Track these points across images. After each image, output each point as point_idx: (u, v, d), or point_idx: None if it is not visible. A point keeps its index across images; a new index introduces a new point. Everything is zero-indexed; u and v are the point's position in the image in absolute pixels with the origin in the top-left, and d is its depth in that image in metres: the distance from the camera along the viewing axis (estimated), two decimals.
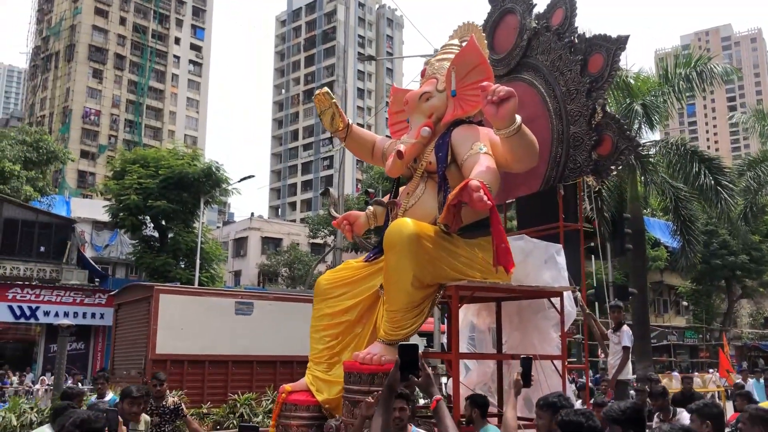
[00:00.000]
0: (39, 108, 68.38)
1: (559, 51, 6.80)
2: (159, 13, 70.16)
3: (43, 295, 24.94)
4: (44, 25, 70.44)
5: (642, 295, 16.81)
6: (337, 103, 5.72)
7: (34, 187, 34.96)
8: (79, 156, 58.68)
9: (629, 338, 8.57)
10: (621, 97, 15.63)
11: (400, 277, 4.74)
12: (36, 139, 36.86)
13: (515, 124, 4.72)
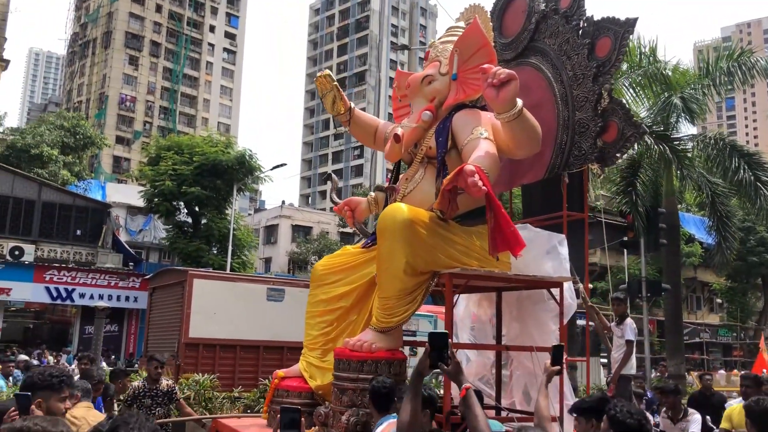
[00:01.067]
0: (76, 94, 69.55)
1: (566, 34, 6.59)
2: (194, 0, 70.75)
3: (79, 277, 25.48)
4: (82, 12, 71.50)
5: (675, 291, 16.60)
6: (338, 86, 5.59)
7: (71, 171, 35.65)
8: (114, 142, 59.63)
9: (632, 331, 8.32)
10: (659, 90, 15.38)
11: (393, 263, 4.60)
12: (73, 124, 37.56)
13: (516, 108, 4.56)
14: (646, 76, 15.01)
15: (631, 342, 8.19)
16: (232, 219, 28.46)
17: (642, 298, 16.21)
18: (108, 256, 27.91)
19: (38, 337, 27.59)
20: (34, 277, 24.61)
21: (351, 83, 75.32)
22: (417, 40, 77.71)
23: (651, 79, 15.14)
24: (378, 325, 4.74)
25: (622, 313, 8.57)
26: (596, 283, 35.24)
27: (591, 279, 36.61)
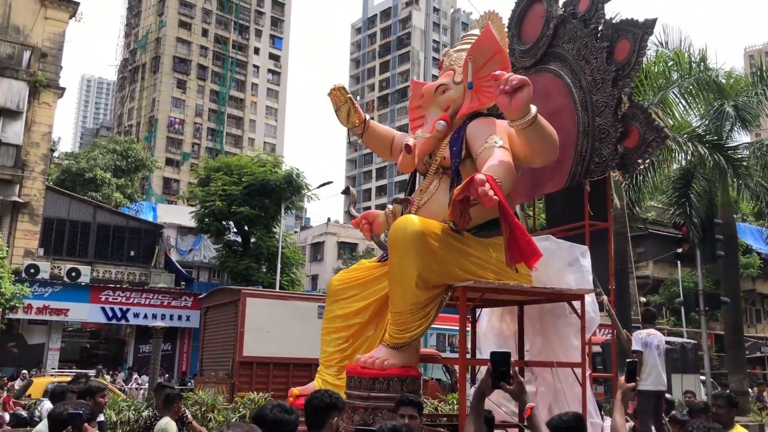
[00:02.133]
0: (127, 118, 71.48)
1: (584, 38, 6.41)
2: (239, 24, 72.22)
3: (133, 297, 26.02)
4: (132, 39, 73.64)
5: (735, 304, 16.13)
6: (352, 98, 5.49)
7: (123, 193, 36.65)
8: (164, 163, 60.99)
9: (637, 341, 7.98)
10: (711, 98, 15.07)
11: (404, 276, 4.45)
12: (125, 148, 38.64)
13: (530, 115, 4.40)
14: (697, 84, 14.72)
15: (640, 353, 7.85)
16: (280, 237, 28.78)
17: (699, 311, 15.78)
18: (161, 276, 28.47)
19: (95, 357, 28.23)
20: (90, 297, 25.24)
21: (394, 99, 75.74)
22: None
23: (702, 87, 14.84)
24: (391, 341, 4.57)
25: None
26: (649, 296, 34.47)
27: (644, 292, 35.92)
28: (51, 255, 25.56)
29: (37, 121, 23.58)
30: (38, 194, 23.48)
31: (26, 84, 22.91)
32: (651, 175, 16.20)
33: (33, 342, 24.27)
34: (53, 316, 24.22)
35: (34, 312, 23.38)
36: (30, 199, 23.12)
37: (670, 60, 14.55)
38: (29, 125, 23.26)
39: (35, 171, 23.43)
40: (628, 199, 16.02)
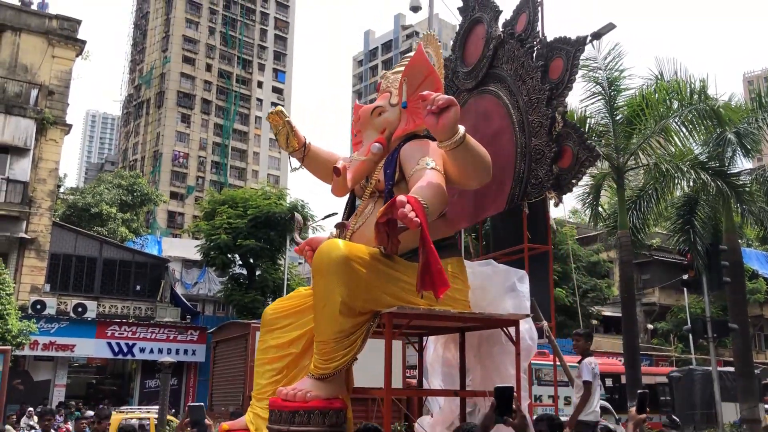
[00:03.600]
0: (131, 152, 72.05)
1: (521, 58, 6.33)
2: (242, 58, 73.14)
3: (139, 332, 25.99)
4: (136, 75, 74.56)
5: (743, 331, 16.04)
6: (291, 122, 5.28)
7: (129, 228, 36.78)
8: (168, 197, 61.32)
9: (589, 371, 7.45)
10: (712, 126, 15.20)
11: (328, 303, 4.23)
12: (130, 182, 38.87)
13: (458, 135, 4.25)
14: (697, 113, 14.86)
15: (589, 383, 7.37)
16: (285, 269, 28.80)
17: (708, 338, 15.71)
18: (167, 310, 28.46)
19: (101, 392, 28.11)
20: (96, 333, 25.21)
21: None
22: None
23: (702, 116, 14.98)
24: (315, 372, 4.33)
25: (583, 350, 7.77)
26: (657, 323, 34.33)
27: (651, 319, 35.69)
28: (57, 290, 25.60)
29: (44, 158, 23.82)
30: (45, 230, 23.62)
31: (33, 121, 23.20)
32: (655, 202, 16.28)
33: (39, 378, 24.18)
34: (59, 352, 24.18)
35: (41, 348, 23.35)
36: (37, 235, 23.25)
37: (670, 89, 14.70)
38: (36, 162, 23.49)
39: (42, 207, 23.60)
40: (632, 225, 16.08)
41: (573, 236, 26.11)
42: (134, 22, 78.13)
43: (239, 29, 73.88)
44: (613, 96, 14.86)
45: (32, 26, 24.51)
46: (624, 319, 15.69)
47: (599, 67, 14.91)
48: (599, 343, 33.43)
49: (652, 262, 33.65)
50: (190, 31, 70.16)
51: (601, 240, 27.96)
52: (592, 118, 15.00)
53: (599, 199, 16.92)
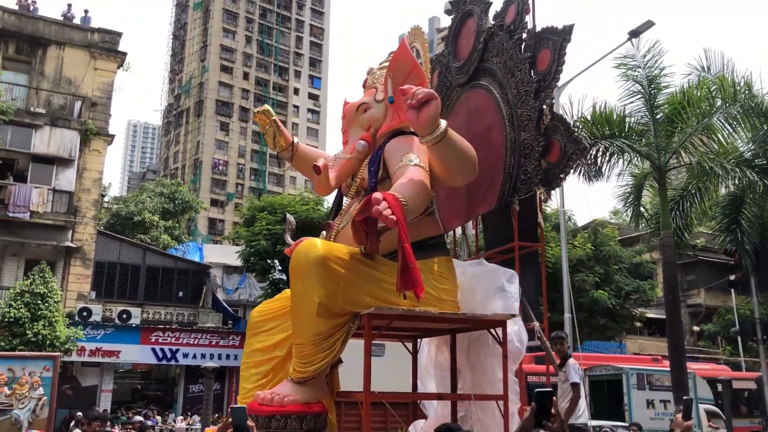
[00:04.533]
0: (172, 161, 73.34)
1: (510, 50, 6.11)
2: (279, 66, 73.92)
3: (182, 338, 26.37)
4: (176, 84, 75.89)
5: None
6: (277, 121, 5.18)
7: (171, 235, 37.44)
8: (209, 204, 62.19)
9: (577, 372, 7.17)
10: (758, 123, 14.81)
11: (305, 305, 4.11)
12: (172, 190, 39.59)
13: (439, 130, 4.09)
14: (742, 109, 14.48)
15: (577, 385, 7.10)
16: None
17: (757, 340, 15.30)
18: (209, 316, 28.84)
19: (145, 398, 28.60)
20: (140, 339, 25.67)
21: None
22: None
23: (748, 113, 14.60)
24: (294, 376, 4.23)
25: (563, 354, 7.49)
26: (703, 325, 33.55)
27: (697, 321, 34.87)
28: (103, 298, 26.16)
29: (88, 168, 24.39)
30: (90, 239, 24.16)
31: (78, 133, 23.77)
32: (698, 201, 15.93)
33: (86, 384, 24.71)
34: (105, 358, 24.67)
35: (87, 354, 23.85)
36: (82, 243, 23.80)
37: (713, 85, 14.37)
38: (81, 172, 24.06)
39: (87, 216, 24.15)
40: (675, 225, 15.76)
41: (615, 237, 25.69)
42: (173, 33, 79.60)
43: (275, 37, 74.68)
44: (653, 94, 14.59)
45: (75, 40, 25.15)
46: (668, 321, 15.38)
47: (638, 65, 14.67)
48: (643, 345, 32.83)
49: (697, 262, 32.95)
50: (228, 41, 71.18)
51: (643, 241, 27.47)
52: (631, 117, 14.76)
53: (641, 199, 16.62)
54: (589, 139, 14.82)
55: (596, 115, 14.28)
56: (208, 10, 71.95)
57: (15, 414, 9.91)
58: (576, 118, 14.35)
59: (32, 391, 10.11)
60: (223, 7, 71.49)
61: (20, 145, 22.62)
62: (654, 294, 25.78)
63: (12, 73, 24.14)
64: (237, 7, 72.60)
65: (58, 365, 10.77)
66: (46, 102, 24.10)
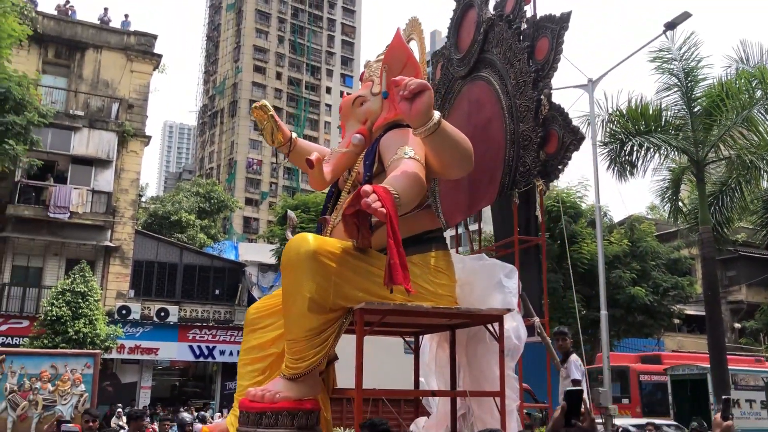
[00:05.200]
0: (208, 161, 74.26)
1: (509, 40, 6.00)
2: (311, 65, 74.32)
3: (219, 335, 26.73)
4: (210, 86, 76.81)
5: None
6: (275, 116, 5.11)
7: (207, 234, 37.92)
8: (244, 203, 62.83)
9: (578, 368, 7.03)
10: None
11: (296, 300, 4.03)
12: (207, 190, 40.09)
13: (432, 121, 3.98)
14: None
15: (578, 382, 6.96)
16: None
17: None
18: (244, 313, 29.09)
19: (184, 394, 29.04)
20: (178, 336, 26.06)
21: None
22: None
23: None
24: (287, 372, 4.15)
25: (566, 350, 7.35)
26: (745, 322, 32.83)
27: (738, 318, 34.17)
28: (141, 296, 26.62)
29: (126, 169, 24.83)
30: (128, 238, 24.61)
31: (115, 134, 24.22)
32: (739, 195, 15.60)
33: (126, 381, 25.20)
34: (144, 355, 25.12)
35: (127, 351, 24.32)
36: (121, 243, 24.26)
37: (752, 77, 14.04)
38: (118, 173, 24.52)
39: (125, 216, 24.61)
40: (715, 220, 15.46)
41: (652, 233, 25.28)
42: (207, 35, 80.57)
43: (307, 36, 75.09)
44: (690, 87, 14.33)
45: (112, 43, 25.62)
46: (708, 317, 15.10)
47: (674, 57, 14.42)
48: (683, 342, 32.26)
49: (738, 258, 32.26)
50: (260, 41, 71.78)
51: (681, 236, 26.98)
52: (668, 111, 14.52)
53: (679, 194, 16.34)
54: (623, 134, 14.63)
55: (631, 109, 14.08)
56: (241, 11, 72.65)
57: (58, 410, 10.16)
58: (611, 113, 14.15)
59: (74, 387, 10.35)
60: (256, 8, 72.11)
61: (60, 147, 23.12)
62: (693, 290, 25.32)
63: (51, 77, 24.70)
64: (269, 7, 73.16)
65: (98, 362, 11.01)
66: (85, 104, 24.61)
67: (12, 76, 15.86)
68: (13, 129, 15.67)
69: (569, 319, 22.70)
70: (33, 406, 10.03)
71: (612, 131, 15.03)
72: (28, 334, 19.26)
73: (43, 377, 10.20)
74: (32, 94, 16.77)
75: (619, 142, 14.82)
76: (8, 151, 16.07)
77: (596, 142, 16.57)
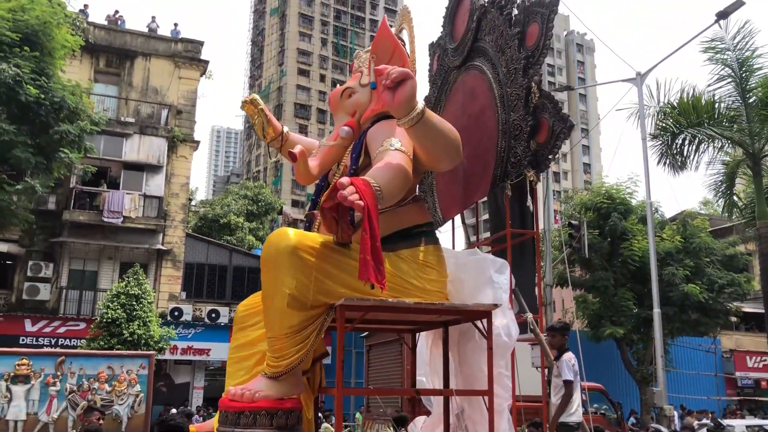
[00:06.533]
0: (254, 164, 75.30)
1: (500, 27, 5.79)
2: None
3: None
4: (255, 89, 77.82)
5: None
6: (265, 110, 4.94)
7: (255, 236, 38.42)
8: (290, 205, 63.48)
9: (570, 369, 6.71)
10: None
11: (276, 297, 3.90)
12: (255, 193, 40.61)
13: (415, 111, 3.82)
14: None
15: (570, 382, 6.66)
16: None
17: None
18: None
19: None
20: (229, 337, 26.43)
21: None
22: (576, 77, 76.10)
23: None
24: (268, 370, 4.05)
25: (559, 346, 6.95)
26: None
27: None
28: (192, 298, 27.11)
29: (176, 173, 25.34)
30: (179, 241, 25.11)
31: (165, 140, 24.75)
32: None
33: (179, 381, 25.68)
34: (196, 356, 25.56)
35: (180, 353, 24.77)
36: (172, 246, 24.76)
37: None
38: (169, 178, 25.04)
39: (176, 220, 25.11)
40: None
41: (705, 229, 24.62)
42: (251, 40, 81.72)
43: (350, 38, 75.50)
44: (745, 77, 13.89)
45: (160, 51, 26.18)
46: (767, 315, 14.64)
47: (727, 47, 14.01)
48: (740, 341, 31.34)
49: None
50: (304, 44, 72.44)
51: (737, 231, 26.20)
52: (722, 102, 14.11)
53: (734, 188, 15.87)
54: (675, 127, 14.29)
55: (683, 101, 13.74)
56: (285, 15, 73.45)
57: (115, 410, 10.44)
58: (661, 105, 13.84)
59: (130, 387, 10.62)
60: (299, 12, 72.81)
61: (112, 154, 23.74)
62: (750, 287, 24.55)
63: (103, 86, 25.38)
64: (312, 10, 73.79)
65: (153, 363, 11.26)
66: (135, 111, 25.21)
67: (66, 85, 16.33)
68: (68, 137, 16.14)
69: (621, 317, 22.29)
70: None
71: (663, 124, 14.70)
72: (85, 336, 19.78)
73: (100, 378, 10.50)
74: (85, 102, 17.23)
75: (669, 134, 14.48)
76: (64, 159, 16.56)
77: (646, 137, 16.25)
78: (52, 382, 10.27)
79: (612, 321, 22.26)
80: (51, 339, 22.14)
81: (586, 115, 78.22)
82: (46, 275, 22.54)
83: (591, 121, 76.18)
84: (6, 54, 14.79)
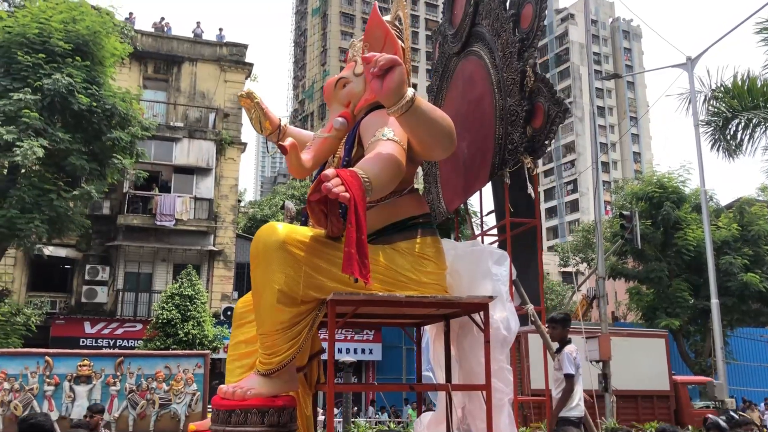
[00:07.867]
0: None
1: (496, 10, 5.70)
2: None
3: (320, 333, 27.25)
4: (299, 90, 78.61)
5: None
6: (261, 103, 4.81)
7: None
8: None
9: (570, 362, 6.45)
10: None
11: (266, 293, 3.80)
12: (302, 193, 40.99)
13: (404, 99, 3.68)
14: None
15: (571, 376, 6.42)
16: None
17: None
18: None
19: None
20: None
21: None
22: (623, 65, 74.61)
23: None
24: (260, 368, 3.96)
25: (560, 338, 6.65)
26: None
27: None
28: None
29: (225, 176, 25.77)
30: (230, 242, 25.54)
31: (213, 143, 25.18)
32: None
33: None
34: None
35: None
36: (223, 247, 25.20)
37: None
38: (218, 180, 25.47)
39: (226, 221, 25.54)
40: None
41: (764, 216, 23.86)
42: (294, 41, 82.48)
43: None
44: None
45: (206, 55, 26.63)
46: None
47: None
48: None
49: None
50: (346, 43, 72.69)
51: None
52: None
53: None
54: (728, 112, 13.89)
55: (737, 85, 13.33)
56: (326, 15, 73.89)
57: (173, 408, 10.68)
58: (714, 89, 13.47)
59: (187, 386, 10.85)
60: (340, 11, 73.16)
61: (163, 158, 24.27)
62: None
63: (152, 91, 25.96)
64: (353, 9, 74.06)
65: (208, 362, 11.50)
66: (184, 116, 25.71)
67: (116, 93, 16.76)
68: (120, 143, 16.57)
69: (676, 308, 21.80)
70: (150, 404, 10.60)
71: (715, 109, 14.29)
72: (142, 337, 20.30)
73: (158, 377, 10.76)
74: (135, 108, 17.64)
75: (722, 119, 14.07)
76: (117, 165, 17.01)
77: (698, 123, 15.81)
78: (113, 382, 10.57)
79: (667, 312, 21.79)
80: (109, 340, 22.75)
81: (634, 103, 76.62)
82: (103, 278, 23.20)
83: (640, 109, 74.57)
84: (59, 64, 15.26)
